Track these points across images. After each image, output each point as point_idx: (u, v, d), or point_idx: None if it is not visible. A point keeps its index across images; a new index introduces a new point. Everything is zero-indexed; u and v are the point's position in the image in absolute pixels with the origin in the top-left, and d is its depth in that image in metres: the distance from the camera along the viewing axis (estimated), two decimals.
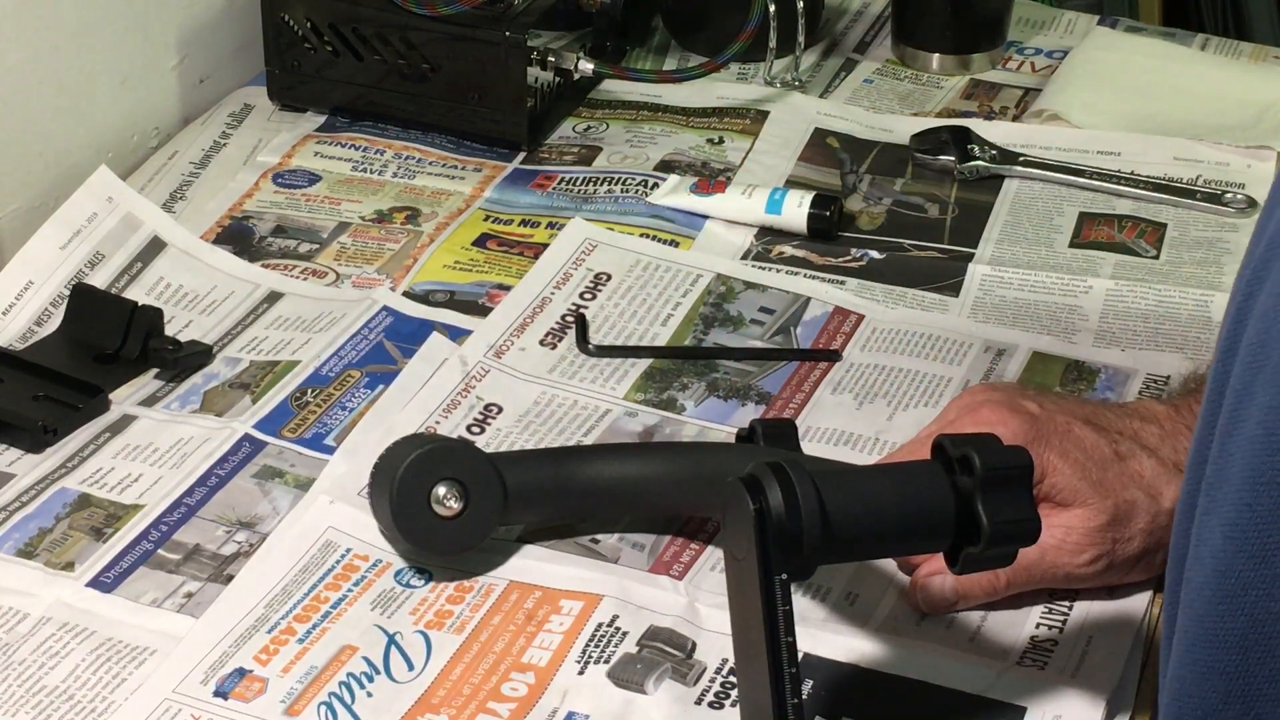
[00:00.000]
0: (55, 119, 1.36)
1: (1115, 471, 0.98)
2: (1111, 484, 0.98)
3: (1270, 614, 0.74)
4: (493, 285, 1.28)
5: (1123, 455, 0.99)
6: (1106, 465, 0.98)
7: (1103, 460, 0.98)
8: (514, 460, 1.04)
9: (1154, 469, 0.99)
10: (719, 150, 1.45)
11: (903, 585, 1.01)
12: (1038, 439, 0.97)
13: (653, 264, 1.30)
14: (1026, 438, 0.97)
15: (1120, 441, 0.99)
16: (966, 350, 1.21)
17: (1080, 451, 0.98)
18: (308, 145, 1.45)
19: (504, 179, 1.41)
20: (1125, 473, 0.98)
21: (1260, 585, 0.74)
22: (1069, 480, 0.97)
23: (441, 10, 1.40)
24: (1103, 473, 0.98)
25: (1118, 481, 0.98)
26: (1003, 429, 0.97)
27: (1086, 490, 0.97)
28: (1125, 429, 1.00)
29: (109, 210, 1.30)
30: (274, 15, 1.45)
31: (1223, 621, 0.75)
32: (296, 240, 1.33)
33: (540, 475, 1.03)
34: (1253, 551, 0.74)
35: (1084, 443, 0.98)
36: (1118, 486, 0.98)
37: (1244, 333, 0.75)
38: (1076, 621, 1.00)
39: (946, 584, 0.99)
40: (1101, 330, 1.24)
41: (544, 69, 1.45)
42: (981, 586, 0.99)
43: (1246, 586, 0.75)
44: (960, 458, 0.89)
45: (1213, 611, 0.76)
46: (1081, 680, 0.96)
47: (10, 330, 1.22)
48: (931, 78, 1.56)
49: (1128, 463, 0.98)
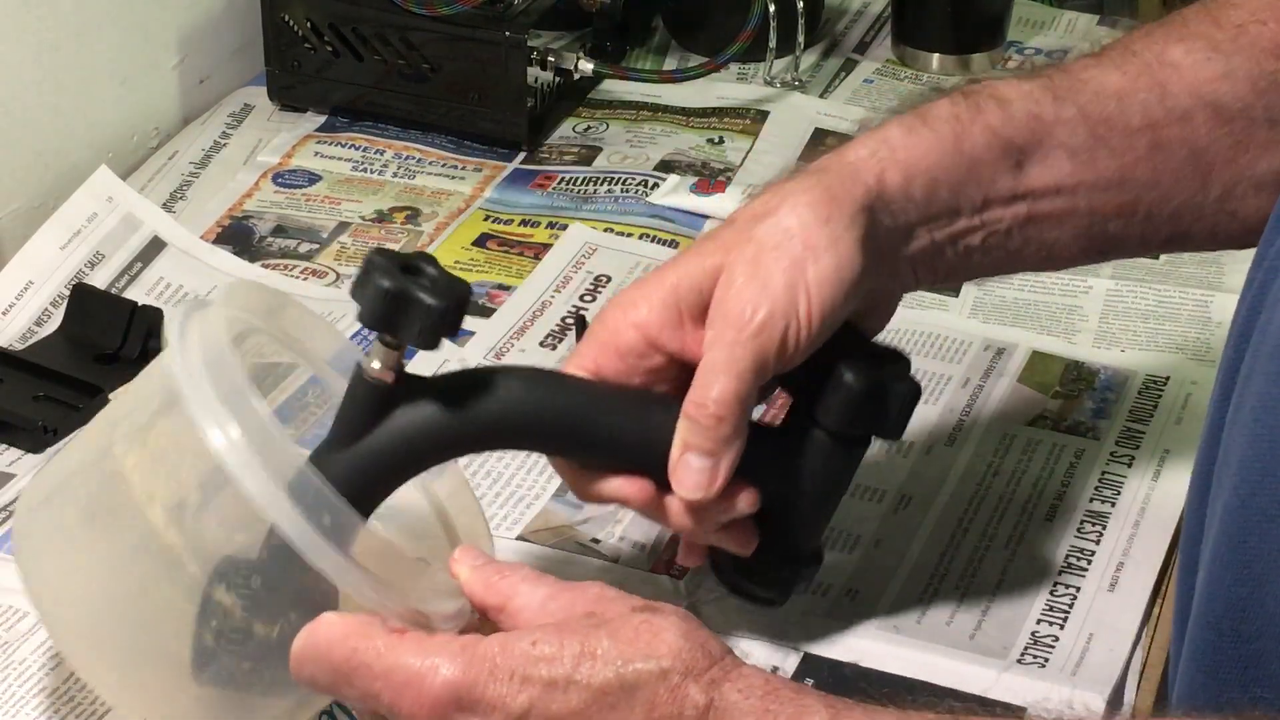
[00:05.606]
0: (55, 119, 1.36)
1: (729, 229, 0.91)
2: (729, 239, 0.91)
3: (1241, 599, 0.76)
4: (493, 285, 1.28)
5: (733, 219, 0.92)
6: (718, 234, 0.91)
7: (714, 234, 0.92)
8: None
9: (763, 199, 0.91)
10: (719, 150, 1.45)
11: (900, 584, 1.02)
12: (656, 275, 0.92)
13: (652, 265, 1.30)
14: (649, 278, 0.91)
15: (729, 218, 0.93)
16: (966, 349, 1.21)
17: (694, 247, 0.92)
18: (308, 145, 1.45)
19: (504, 179, 1.41)
20: (736, 226, 0.91)
21: (1235, 569, 0.76)
22: (692, 267, 0.90)
23: (441, 10, 1.40)
24: (716, 240, 0.91)
25: (733, 235, 0.91)
26: (633, 293, 0.91)
27: (710, 260, 0.90)
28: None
29: (109, 210, 1.30)
30: (274, 15, 1.45)
31: (1208, 605, 0.77)
32: (296, 240, 1.34)
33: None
34: (1239, 536, 0.75)
35: (694, 242, 0.94)
36: (734, 237, 0.90)
37: (1257, 320, 0.76)
38: (1078, 618, 1.00)
39: (689, 458, 0.89)
40: (1101, 330, 1.24)
41: (544, 69, 1.45)
42: (705, 424, 0.88)
43: (1225, 569, 0.76)
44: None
45: (1204, 595, 0.77)
46: (1082, 677, 0.96)
47: (10, 330, 1.22)
48: (931, 78, 1.56)
49: (736, 219, 0.91)
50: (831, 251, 0.88)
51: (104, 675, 0.88)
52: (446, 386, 0.88)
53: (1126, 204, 0.95)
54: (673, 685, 0.78)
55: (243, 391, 0.82)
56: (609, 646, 0.78)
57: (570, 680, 0.78)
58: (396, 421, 0.86)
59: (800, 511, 0.94)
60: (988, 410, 1.16)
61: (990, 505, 1.08)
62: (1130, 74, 0.94)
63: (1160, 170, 0.94)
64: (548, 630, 0.79)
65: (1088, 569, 1.03)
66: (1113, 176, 0.94)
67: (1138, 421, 1.15)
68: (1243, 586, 0.76)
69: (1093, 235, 0.95)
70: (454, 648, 0.79)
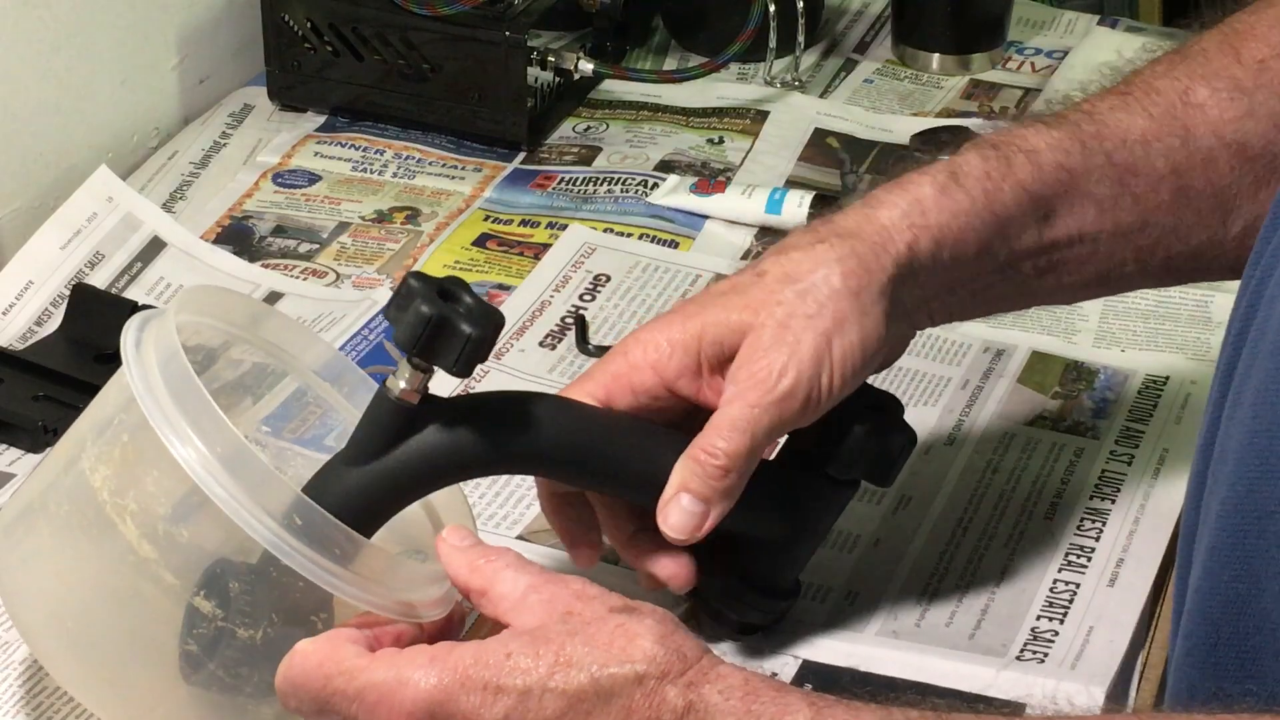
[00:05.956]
0: (55, 119, 1.36)
1: (758, 287, 0.92)
2: (758, 299, 0.91)
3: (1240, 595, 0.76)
4: (493, 285, 1.28)
5: (762, 272, 0.93)
6: (747, 289, 0.92)
7: (742, 288, 0.92)
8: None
9: (795, 259, 0.92)
10: (719, 150, 1.45)
11: (899, 584, 1.02)
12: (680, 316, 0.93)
13: (652, 265, 1.30)
14: (671, 318, 0.93)
15: (755, 266, 0.94)
16: (966, 350, 1.21)
17: (720, 296, 0.93)
18: (308, 145, 1.45)
19: (504, 179, 1.41)
20: (765, 284, 0.92)
21: (1235, 565, 0.76)
22: (719, 320, 0.91)
23: (441, 10, 1.40)
24: (745, 296, 0.92)
25: (763, 293, 0.92)
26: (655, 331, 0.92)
27: (738, 317, 0.91)
28: (761, 256, 0.95)
29: (109, 210, 1.30)
30: (274, 15, 1.45)
31: (1205, 600, 0.77)
32: (296, 240, 1.34)
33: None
34: (1237, 528, 0.75)
35: (720, 289, 0.93)
36: (764, 297, 0.91)
37: (1254, 318, 0.76)
38: (1077, 613, 1.00)
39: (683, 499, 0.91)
40: (1101, 330, 1.24)
41: (544, 69, 1.45)
42: (709, 474, 0.90)
43: (1223, 565, 0.76)
44: None
45: (1200, 590, 0.77)
46: (1081, 671, 0.96)
47: (10, 330, 1.22)
48: (931, 78, 1.56)
49: (766, 274, 0.92)
50: (858, 326, 0.90)
51: (92, 689, 0.88)
52: (469, 410, 0.89)
53: (1146, 246, 0.96)
54: (649, 690, 0.78)
55: (203, 402, 0.83)
56: (584, 653, 0.79)
57: (545, 688, 0.78)
58: (418, 442, 0.87)
59: (786, 547, 0.96)
60: (987, 411, 1.16)
61: (990, 504, 1.08)
62: (1156, 116, 0.95)
63: (1182, 213, 0.95)
64: (522, 639, 0.80)
65: (1088, 565, 1.03)
66: (1135, 222, 0.95)
67: (1137, 421, 1.15)
68: (1241, 583, 0.76)
69: (1109, 275, 0.97)
70: (423, 659, 0.79)
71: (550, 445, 0.90)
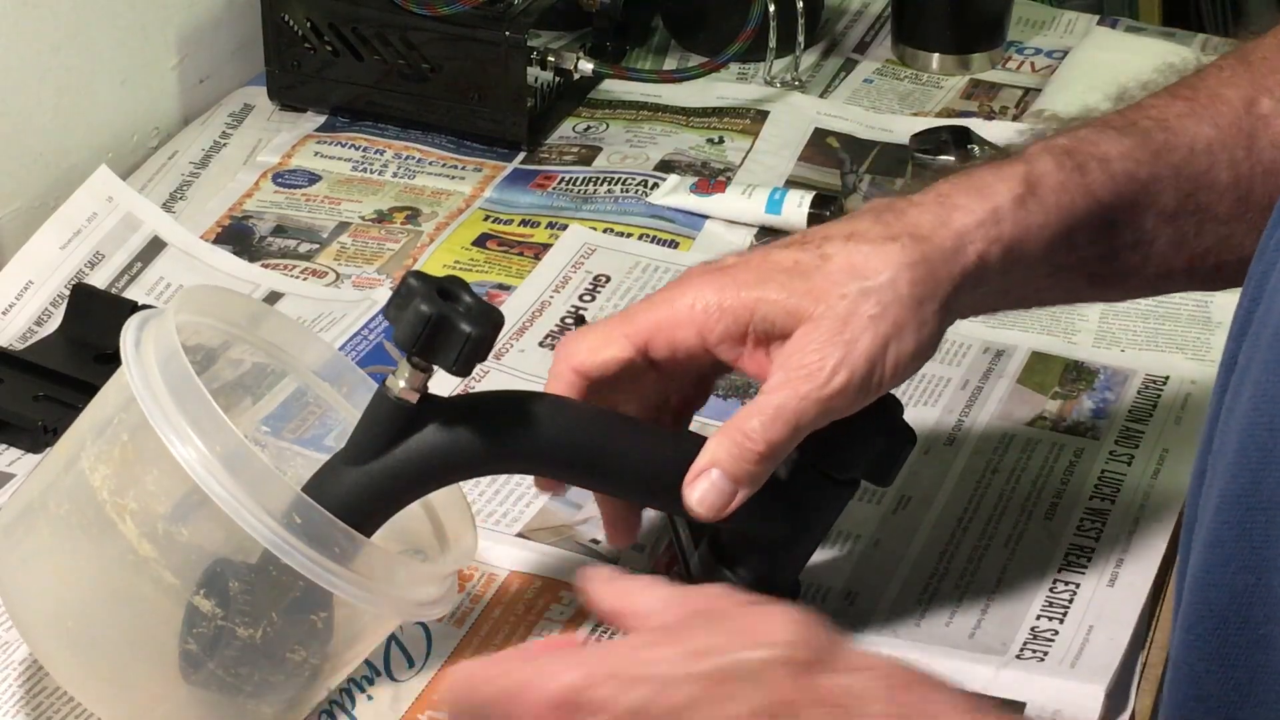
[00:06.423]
0: (55, 119, 1.36)
1: (821, 274, 0.91)
2: (821, 287, 0.91)
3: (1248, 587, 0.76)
4: (493, 285, 1.28)
5: (826, 256, 0.92)
6: (809, 273, 0.91)
7: (805, 270, 0.91)
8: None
9: (864, 252, 0.91)
10: (719, 150, 1.45)
11: (900, 585, 1.02)
12: (734, 281, 0.92)
13: (651, 265, 1.30)
14: (725, 280, 0.92)
15: (819, 245, 0.92)
16: (965, 350, 1.21)
17: (781, 272, 0.92)
18: (308, 145, 1.45)
19: (504, 179, 1.41)
20: (829, 271, 0.91)
21: (1239, 557, 0.76)
22: (777, 300, 0.91)
23: (441, 10, 1.40)
24: (807, 281, 0.91)
25: (826, 282, 0.91)
26: (706, 288, 0.92)
27: (797, 302, 0.91)
28: (824, 234, 0.94)
29: (109, 210, 1.30)
30: (274, 15, 1.45)
31: (1207, 592, 0.77)
32: (296, 240, 1.34)
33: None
34: (1242, 523, 0.75)
35: (781, 263, 0.92)
36: (827, 286, 0.91)
37: (1256, 311, 0.76)
38: (1078, 610, 1.00)
39: (714, 475, 0.91)
40: (1101, 330, 1.24)
41: (544, 69, 1.45)
42: (745, 455, 0.91)
43: (1228, 557, 0.76)
44: None
45: (1201, 582, 0.77)
46: (1082, 669, 0.96)
47: (10, 330, 1.22)
48: (931, 78, 1.56)
49: (831, 260, 0.91)
50: (915, 335, 0.90)
51: (92, 689, 0.88)
52: (469, 410, 0.89)
53: (1199, 254, 0.96)
54: (788, 673, 0.76)
55: (203, 402, 0.83)
56: (721, 640, 0.76)
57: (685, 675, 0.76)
58: (418, 442, 0.87)
59: (786, 547, 0.97)
60: (986, 411, 1.16)
61: (990, 504, 1.08)
62: (1222, 127, 0.95)
63: (1238, 222, 0.95)
64: (656, 632, 0.78)
65: (1088, 565, 1.03)
66: (1193, 231, 0.95)
67: (1137, 421, 1.15)
68: (1248, 574, 0.76)
69: (1159, 280, 0.98)
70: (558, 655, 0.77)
71: (550, 444, 0.91)
